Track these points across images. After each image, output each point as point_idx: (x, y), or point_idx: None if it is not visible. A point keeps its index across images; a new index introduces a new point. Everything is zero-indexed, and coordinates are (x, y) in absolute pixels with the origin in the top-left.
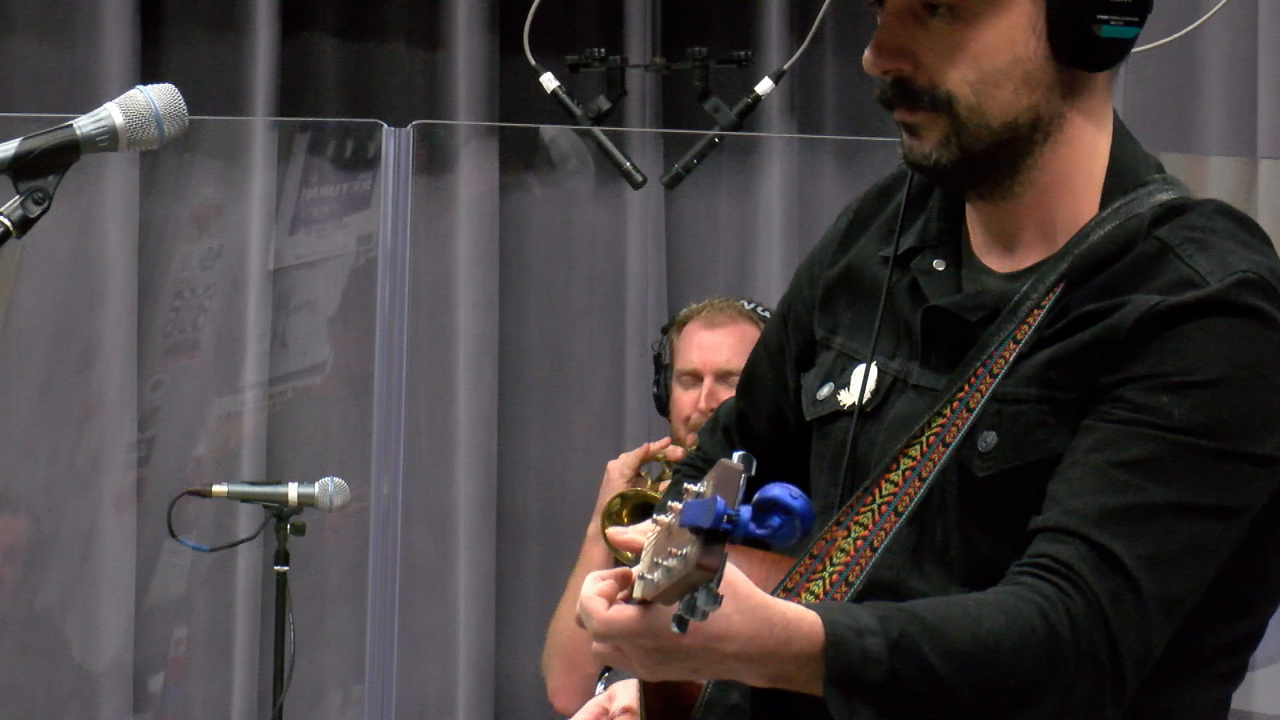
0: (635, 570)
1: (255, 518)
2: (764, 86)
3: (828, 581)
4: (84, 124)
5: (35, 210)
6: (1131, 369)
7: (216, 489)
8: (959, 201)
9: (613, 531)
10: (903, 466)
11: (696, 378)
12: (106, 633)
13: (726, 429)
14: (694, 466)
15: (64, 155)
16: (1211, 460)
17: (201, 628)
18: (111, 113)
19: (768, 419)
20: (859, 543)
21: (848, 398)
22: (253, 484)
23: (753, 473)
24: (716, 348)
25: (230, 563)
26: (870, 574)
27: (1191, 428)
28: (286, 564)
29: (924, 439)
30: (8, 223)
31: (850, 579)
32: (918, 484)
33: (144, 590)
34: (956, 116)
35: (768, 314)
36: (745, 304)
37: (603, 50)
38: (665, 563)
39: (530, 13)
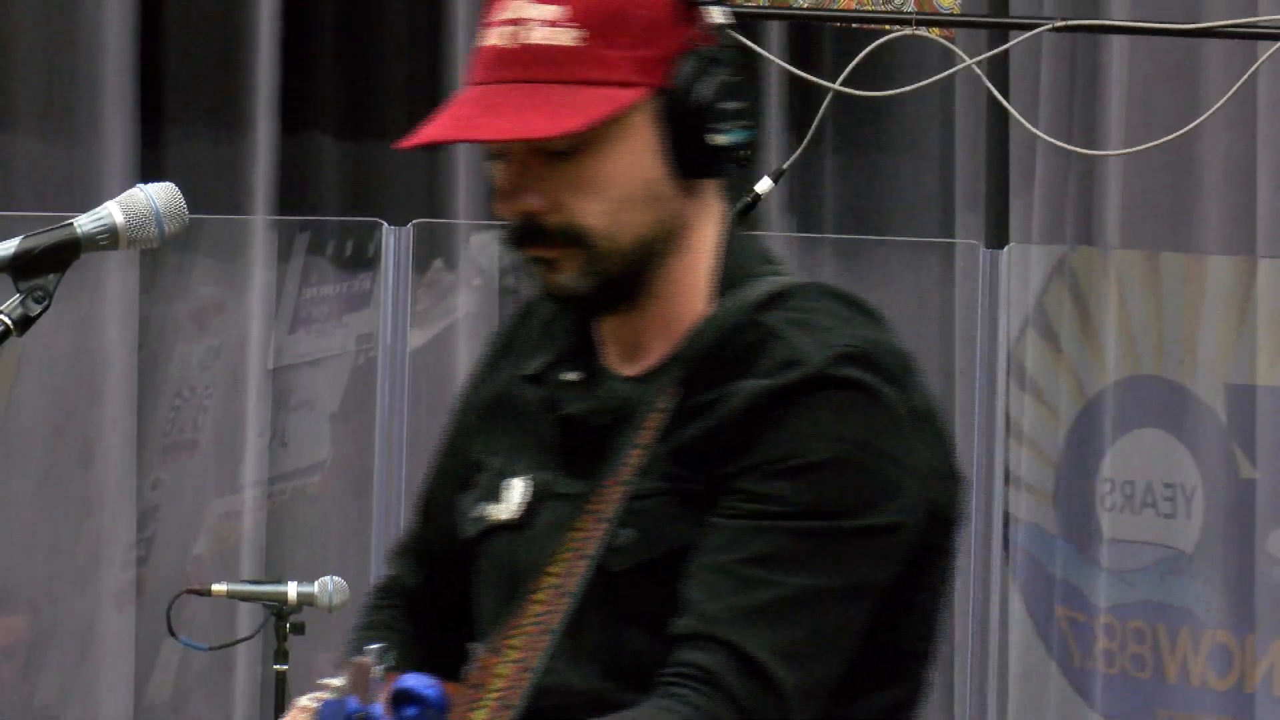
0: None
1: (254, 617)
2: (764, 185)
3: (490, 709)
4: (84, 223)
5: (36, 309)
6: (747, 458)
7: (216, 588)
8: (591, 316)
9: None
10: (547, 585)
11: None
12: None
13: (412, 553)
14: (388, 591)
15: (64, 254)
16: (834, 541)
17: None
18: (112, 211)
19: (445, 541)
20: (515, 666)
21: (499, 512)
22: (252, 583)
23: (389, 663)
24: None
25: (229, 662)
26: (533, 688)
27: (809, 511)
28: (286, 663)
29: (565, 554)
30: (8, 321)
31: (510, 703)
32: (563, 600)
33: (143, 688)
34: (593, 246)
35: None
36: None
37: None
38: None
39: None
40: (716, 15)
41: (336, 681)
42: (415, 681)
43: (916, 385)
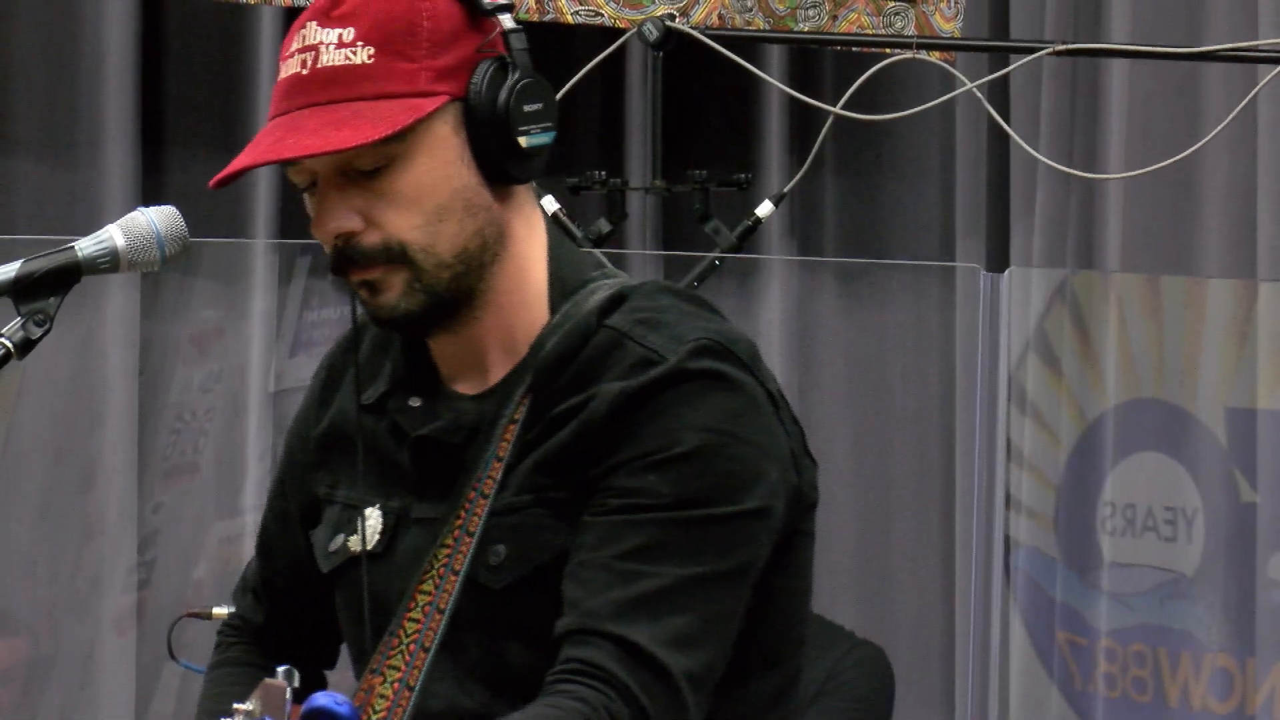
0: None
1: None
2: (764, 209)
3: None
4: (85, 246)
5: (37, 332)
6: (615, 456)
7: (217, 611)
8: (420, 340)
9: None
10: (421, 603)
11: None
12: None
13: (255, 590)
14: (236, 628)
15: (65, 277)
16: (706, 528)
17: None
18: (113, 235)
19: (290, 576)
20: (396, 685)
21: (356, 544)
22: None
23: (297, 684)
24: None
25: None
26: (416, 708)
27: (680, 501)
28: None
29: (435, 571)
30: (9, 344)
31: None
32: (438, 616)
33: (143, 713)
34: (413, 262)
35: None
36: None
37: (603, 173)
38: None
39: None
40: (507, 21)
41: (248, 706)
42: (327, 700)
43: (766, 371)
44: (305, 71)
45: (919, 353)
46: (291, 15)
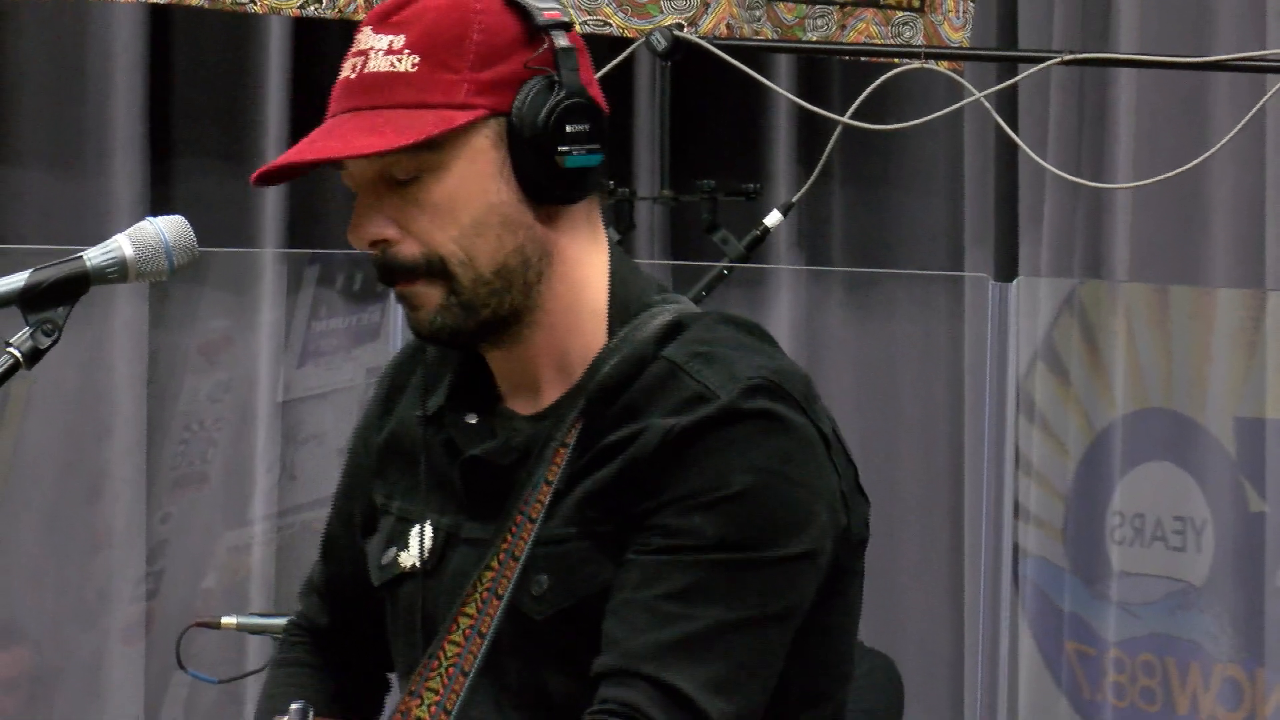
0: None
1: (264, 649)
2: (772, 219)
3: None
4: (93, 256)
5: (45, 341)
6: (662, 494)
7: (225, 621)
8: (479, 354)
9: None
10: (463, 626)
11: None
12: None
13: (319, 592)
14: (300, 628)
15: (74, 287)
16: (751, 571)
17: None
18: (121, 244)
19: (353, 581)
20: (433, 709)
21: (408, 559)
22: (262, 616)
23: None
24: None
25: (239, 695)
26: None
27: (726, 543)
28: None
29: (478, 595)
30: (17, 354)
31: None
32: (479, 641)
33: None
34: (451, 275)
35: None
36: None
37: (611, 183)
38: None
39: None
40: (560, 39)
41: None
42: None
43: (821, 409)
44: (353, 76)
45: (927, 362)
46: (300, 25)
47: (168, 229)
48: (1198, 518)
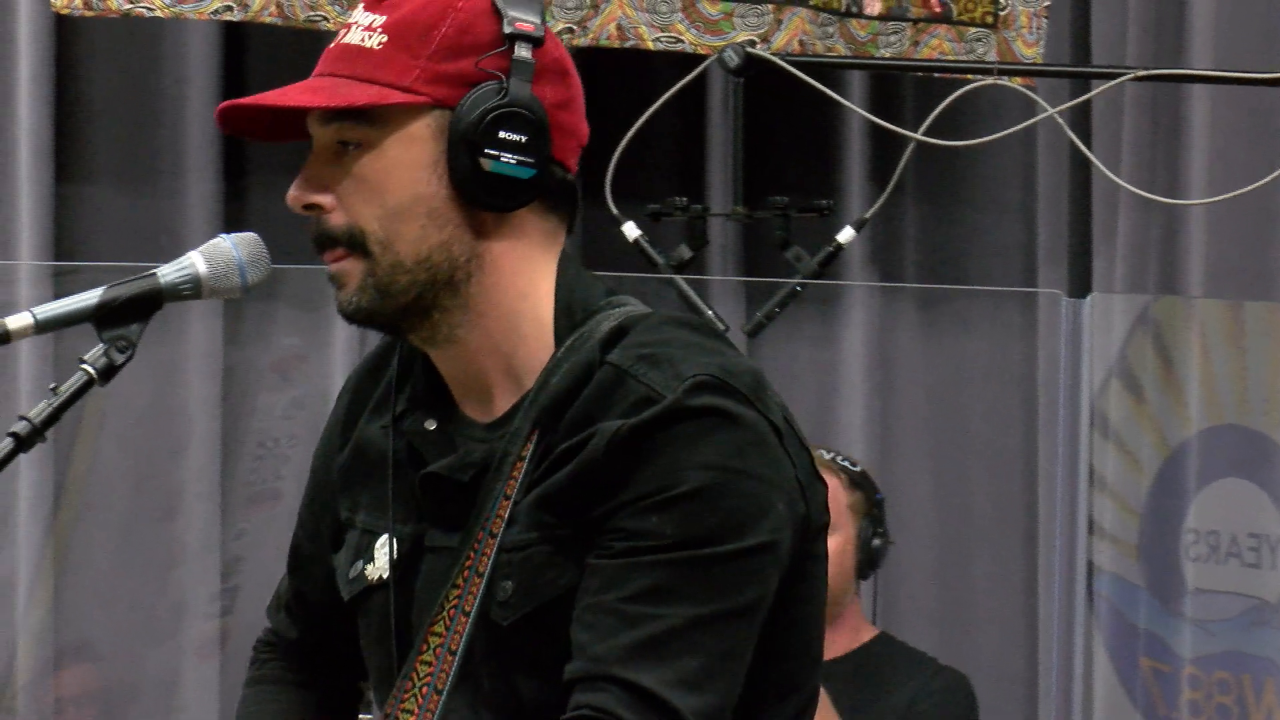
0: None
1: None
2: (845, 235)
3: None
4: (167, 272)
5: (119, 358)
6: (616, 496)
7: None
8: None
9: None
10: (433, 645)
11: None
12: None
13: (288, 607)
14: (270, 645)
15: (147, 304)
16: (713, 567)
17: None
18: (195, 261)
19: (322, 594)
20: None
21: (374, 572)
22: None
23: None
24: None
25: None
26: None
27: (685, 541)
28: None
29: (445, 614)
30: (92, 371)
31: None
32: (450, 659)
33: None
34: (370, 255)
35: (848, 463)
36: (825, 453)
37: (684, 199)
38: None
39: (612, 162)
40: (521, 51)
41: None
42: None
43: (771, 399)
44: (333, 45)
45: (1000, 379)
46: None
47: (241, 246)
48: (1273, 534)
